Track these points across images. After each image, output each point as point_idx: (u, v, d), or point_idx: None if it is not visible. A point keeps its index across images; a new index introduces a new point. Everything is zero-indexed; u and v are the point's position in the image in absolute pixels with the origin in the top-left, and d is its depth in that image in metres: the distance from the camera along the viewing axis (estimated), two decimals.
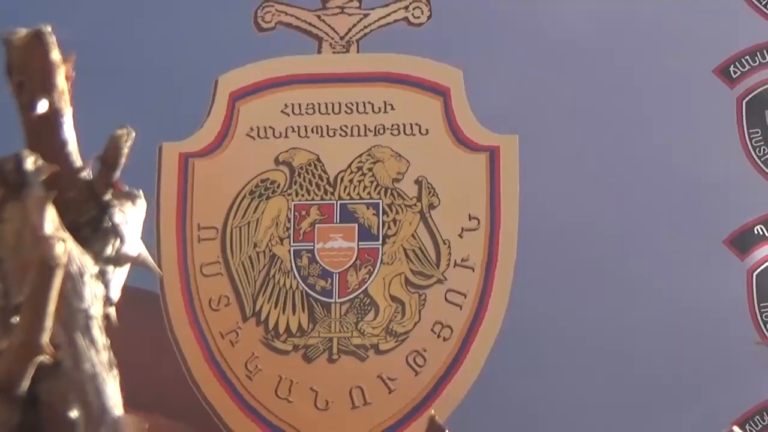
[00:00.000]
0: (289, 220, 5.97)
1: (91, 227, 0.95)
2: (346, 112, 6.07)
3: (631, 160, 5.83)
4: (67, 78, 0.95)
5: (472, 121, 5.99)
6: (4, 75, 0.97)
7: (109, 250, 0.94)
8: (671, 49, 5.96)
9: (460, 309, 5.87)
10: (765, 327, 5.66)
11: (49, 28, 0.93)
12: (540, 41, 5.98)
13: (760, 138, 5.91)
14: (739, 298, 5.62)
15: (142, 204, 0.98)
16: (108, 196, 0.95)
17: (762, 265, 5.72)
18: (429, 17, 6.10)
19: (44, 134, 0.94)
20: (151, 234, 5.97)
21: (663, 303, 5.67)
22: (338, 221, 5.97)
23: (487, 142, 5.99)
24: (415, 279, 5.90)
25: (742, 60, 5.97)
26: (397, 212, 5.96)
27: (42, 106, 0.92)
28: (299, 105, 6.06)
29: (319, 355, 5.85)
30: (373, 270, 5.91)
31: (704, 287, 5.63)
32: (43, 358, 0.85)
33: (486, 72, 5.97)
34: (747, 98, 5.94)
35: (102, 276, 0.93)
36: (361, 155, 5.99)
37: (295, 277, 5.92)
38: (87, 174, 0.96)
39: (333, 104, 6.06)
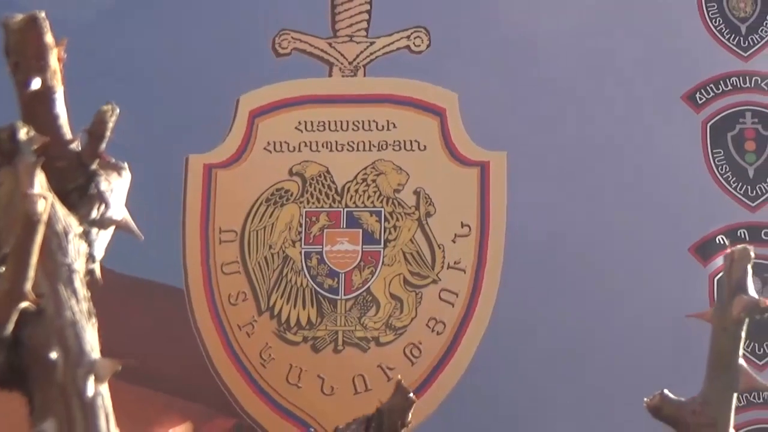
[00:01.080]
0: (301, 225, 5.97)
1: (79, 193, 0.94)
2: (353, 129, 6.07)
3: (607, 175, 5.82)
4: (59, 59, 0.94)
5: (465, 139, 5.99)
6: (2, 56, 0.97)
7: (94, 214, 0.93)
8: (645, 78, 5.95)
9: (453, 306, 5.86)
10: None
11: (43, 14, 0.92)
12: (527, 69, 5.98)
13: (722, 157, 5.90)
14: (703, 300, 5.61)
15: (126, 175, 0.97)
16: (94, 166, 0.95)
17: (722, 271, 5.69)
18: (428, 46, 6.10)
19: (38, 109, 0.93)
20: (177, 236, 5.98)
21: (634, 304, 5.67)
22: (344, 227, 5.96)
23: (478, 158, 5.99)
24: (413, 279, 5.89)
25: (707, 88, 5.96)
26: (397, 219, 5.96)
27: (35, 84, 0.92)
28: (311, 122, 6.06)
29: (325, 346, 5.84)
30: (375, 271, 5.90)
31: (672, 289, 5.63)
32: (27, 305, 0.84)
33: (478, 95, 5.97)
34: (711, 122, 5.93)
35: (86, 236, 0.92)
36: (365, 168, 5.99)
37: (305, 276, 5.91)
38: (76, 146, 0.95)
39: (341, 122, 6.06)
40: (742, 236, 5.73)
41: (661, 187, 5.82)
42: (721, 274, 4.89)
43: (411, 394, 1.37)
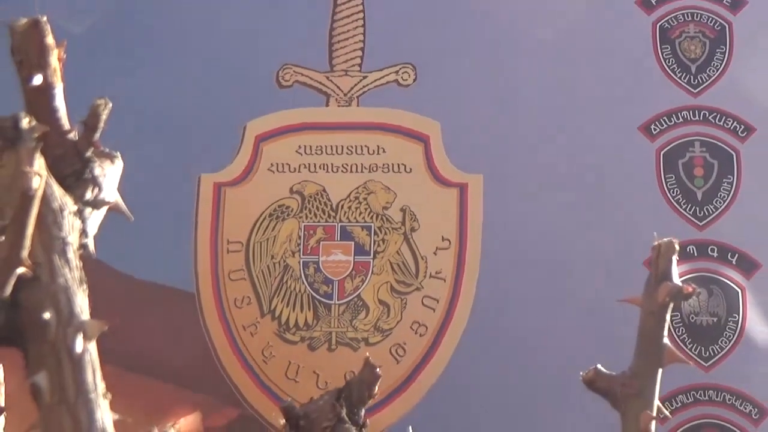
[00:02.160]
0: (300, 238, 5.96)
1: (75, 177, 0.95)
2: (347, 153, 6.06)
3: (571, 196, 5.82)
4: (59, 59, 0.95)
5: (446, 162, 5.99)
6: (9, 55, 0.98)
7: (88, 195, 0.94)
8: (606, 110, 5.95)
9: (434, 311, 5.85)
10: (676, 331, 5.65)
11: (45, 18, 0.93)
12: (501, 102, 5.98)
13: (674, 182, 5.90)
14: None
15: (119, 163, 0.98)
16: (89, 154, 0.95)
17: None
18: (415, 80, 6.10)
19: (39, 102, 0.94)
20: (190, 246, 5.98)
21: (595, 309, 5.67)
22: (338, 239, 5.96)
23: (457, 180, 5.99)
24: (399, 287, 5.88)
25: (661, 120, 5.96)
26: (385, 233, 5.95)
27: (37, 80, 0.92)
28: (310, 147, 6.06)
29: (320, 346, 5.83)
30: (366, 279, 5.89)
31: (630, 306, 5.60)
32: (23, 271, 0.85)
33: (458, 124, 5.97)
34: (664, 150, 5.93)
35: (80, 214, 0.93)
36: (358, 187, 5.99)
37: (303, 283, 5.90)
38: (73, 135, 0.96)
39: (337, 147, 6.06)
40: (691, 252, 5.72)
41: (619, 207, 5.83)
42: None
43: (377, 369, 1.38)
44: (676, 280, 1.18)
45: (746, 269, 5.75)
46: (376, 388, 1.23)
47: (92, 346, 0.90)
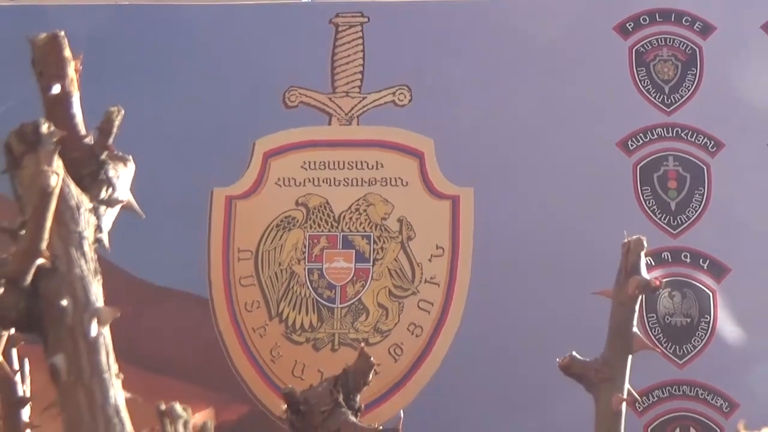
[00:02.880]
0: (305, 247, 5.96)
1: (90, 178, 0.96)
2: (348, 168, 6.07)
3: (555, 207, 5.82)
4: (75, 70, 0.96)
5: (440, 176, 6.00)
6: (30, 66, 0.99)
7: (103, 194, 0.95)
8: (587, 128, 5.95)
9: (429, 314, 5.84)
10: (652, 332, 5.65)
11: (62, 33, 0.94)
12: (490, 120, 5.98)
13: (650, 193, 5.90)
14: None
15: (131, 165, 0.99)
16: (104, 157, 0.96)
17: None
18: (410, 100, 6.10)
19: (58, 110, 0.95)
20: (204, 254, 5.98)
21: (578, 309, 5.66)
22: (341, 248, 5.95)
23: (450, 193, 5.99)
24: (396, 291, 5.88)
25: (637, 136, 5.96)
26: (383, 242, 5.95)
27: (56, 89, 0.93)
28: (314, 162, 6.06)
29: (324, 346, 5.82)
30: (366, 284, 5.89)
31: (608, 307, 5.61)
32: (42, 261, 0.86)
33: (451, 141, 5.97)
34: (640, 164, 5.93)
35: (95, 211, 0.94)
36: (358, 200, 5.99)
37: (308, 288, 5.90)
38: (89, 140, 0.97)
39: (339, 162, 6.07)
40: (666, 258, 5.72)
41: (599, 217, 5.83)
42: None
43: (371, 359, 1.38)
44: (645, 273, 1.19)
45: (717, 274, 5.75)
46: (371, 375, 1.23)
47: (106, 330, 0.91)
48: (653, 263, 5.84)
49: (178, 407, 0.93)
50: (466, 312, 5.79)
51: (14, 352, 1.60)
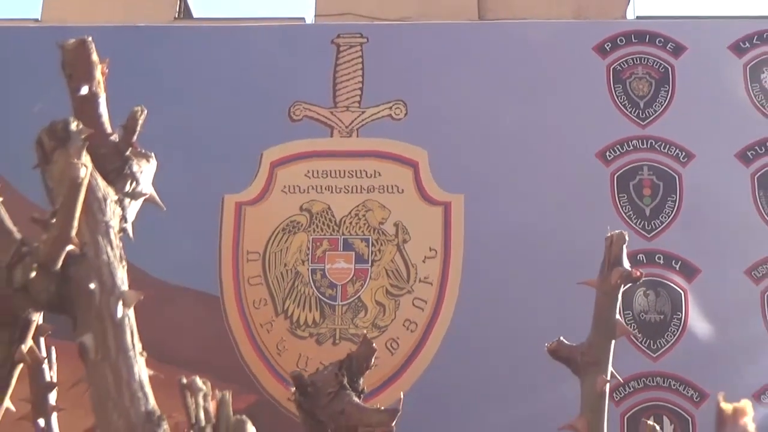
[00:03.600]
0: (308, 249, 5.95)
1: (116, 173, 0.95)
2: (348, 176, 6.07)
3: (538, 211, 5.83)
4: (102, 73, 0.95)
5: (433, 184, 6.00)
6: (60, 69, 0.98)
7: (127, 188, 0.94)
8: (568, 140, 5.96)
9: (423, 311, 5.84)
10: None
11: (90, 38, 0.93)
12: (480, 133, 5.99)
13: (626, 200, 5.91)
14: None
15: (153, 162, 0.98)
16: (128, 153, 0.96)
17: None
18: (406, 114, 6.11)
19: (86, 109, 0.94)
20: (215, 256, 5.98)
21: (558, 307, 5.66)
22: (341, 250, 5.95)
23: (443, 199, 5.99)
24: (393, 290, 5.87)
25: (614, 148, 5.98)
26: (381, 245, 5.95)
27: (84, 90, 0.93)
28: (317, 171, 6.06)
29: (326, 341, 5.81)
30: (364, 283, 5.88)
31: (588, 295, 5.61)
32: (72, 248, 0.85)
33: (443, 152, 5.97)
34: (617, 173, 5.94)
35: (120, 203, 0.93)
36: (358, 206, 5.99)
37: (311, 287, 5.89)
38: (115, 137, 0.96)
39: (340, 171, 6.07)
40: (641, 259, 5.71)
41: (580, 222, 5.82)
42: (628, 286, 4.85)
43: (373, 344, 1.36)
44: (626, 265, 1.18)
45: (688, 274, 5.75)
46: (373, 360, 1.22)
47: (130, 312, 0.90)
48: (630, 265, 5.83)
49: (198, 381, 0.92)
50: (457, 309, 5.79)
51: (42, 340, 1.59)
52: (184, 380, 0.90)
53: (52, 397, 1.75)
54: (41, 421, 1.70)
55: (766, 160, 5.93)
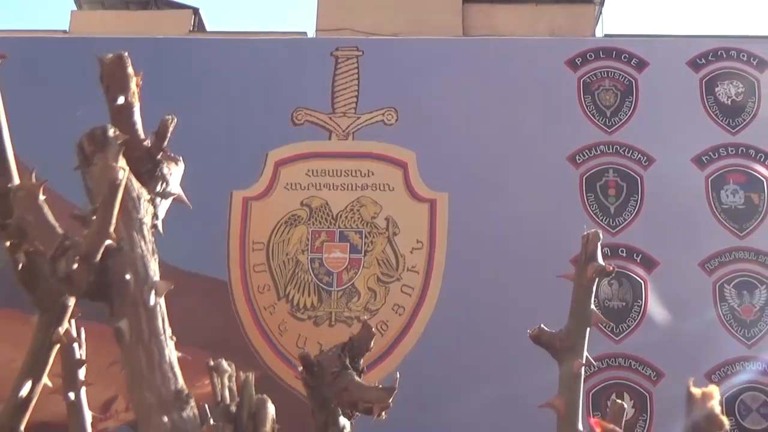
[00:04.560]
0: (308, 240, 5.95)
1: (148, 175, 0.95)
2: (344, 175, 6.06)
3: (514, 208, 5.83)
4: (137, 84, 0.96)
5: (420, 183, 6.00)
6: (99, 81, 0.98)
7: (159, 188, 0.94)
8: (542, 145, 5.95)
9: (410, 296, 5.84)
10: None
11: (126, 53, 0.93)
12: (463, 137, 5.98)
13: (593, 199, 5.92)
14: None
15: (181, 165, 0.99)
16: (159, 157, 0.96)
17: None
18: (396, 120, 6.10)
19: (122, 117, 0.94)
20: (224, 245, 5.97)
21: (536, 292, 5.67)
22: (337, 241, 5.94)
23: (429, 197, 5.99)
24: (383, 278, 5.87)
25: (583, 152, 5.98)
26: (373, 237, 5.94)
27: (120, 100, 0.93)
28: (316, 170, 6.05)
29: (323, 322, 5.81)
30: (358, 271, 5.88)
31: (562, 282, 5.62)
32: (110, 242, 0.85)
33: (430, 154, 5.96)
34: (586, 175, 5.95)
35: (152, 201, 0.93)
36: (353, 201, 5.99)
37: (310, 274, 5.89)
38: (147, 143, 0.97)
39: (337, 170, 6.06)
40: (606, 252, 5.68)
41: (552, 217, 5.83)
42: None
43: (372, 329, 1.37)
44: (600, 260, 1.19)
45: (648, 266, 5.76)
46: (372, 342, 1.23)
47: (161, 300, 0.91)
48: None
49: (224, 363, 0.93)
50: (441, 295, 5.80)
51: (73, 322, 1.59)
52: (212, 362, 0.90)
53: (82, 373, 1.75)
54: (71, 395, 1.70)
55: (719, 164, 5.95)
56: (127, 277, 0.89)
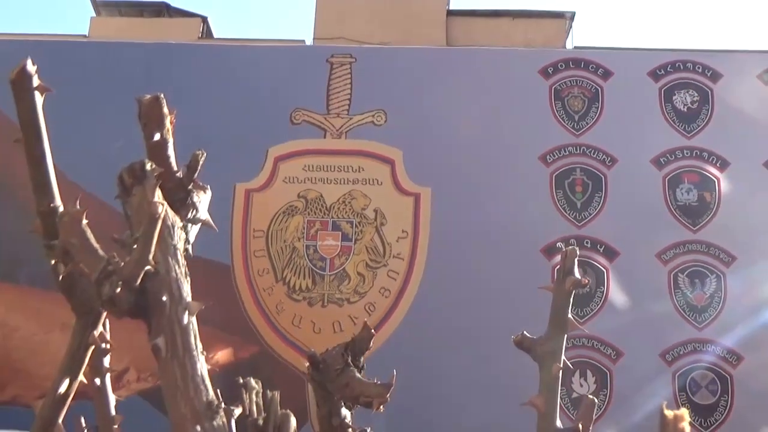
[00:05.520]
0: (304, 228, 5.94)
1: (180, 203, 0.97)
2: (337, 170, 6.06)
3: (491, 201, 5.85)
4: (171, 122, 0.97)
5: (406, 178, 6.00)
6: (137, 120, 0.99)
7: (189, 215, 0.96)
8: (516, 146, 5.98)
9: (395, 281, 5.85)
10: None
11: (162, 95, 0.95)
12: (444, 139, 6.00)
13: (562, 195, 5.93)
14: (546, 279, 5.64)
15: (209, 192, 1.00)
16: (190, 187, 0.97)
17: (560, 263, 5.76)
18: (385, 121, 6.10)
19: (157, 151, 0.95)
20: (228, 233, 5.96)
21: (507, 277, 5.70)
22: (330, 230, 5.94)
23: (413, 191, 6.00)
24: (371, 263, 5.88)
25: (553, 152, 6.00)
26: (362, 227, 5.95)
27: (157, 137, 0.94)
28: (312, 165, 6.05)
29: (317, 303, 5.81)
30: (349, 257, 5.89)
31: (531, 272, 5.67)
32: (149, 267, 0.87)
33: (415, 153, 5.96)
34: (555, 173, 5.96)
35: (184, 228, 0.95)
36: (345, 194, 5.99)
37: (305, 259, 5.89)
38: (179, 174, 0.98)
39: (331, 166, 6.05)
40: (572, 243, 5.75)
41: (525, 211, 5.86)
42: (558, 265, 4.87)
43: (372, 330, 1.39)
44: (577, 274, 1.21)
45: (610, 256, 5.78)
46: (371, 342, 1.25)
47: (194, 319, 0.92)
48: (563, 247, 5.87)
49: (252, 381, 0.95)
50: (423, 280, 5.81)
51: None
52: (241, 380, 0.92)
53: (106, 361, 1.76)
54: (97, 380, 1.71)
55: (675, 165, 5.99)
56: (164, 298, 0.90)
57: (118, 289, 0.87)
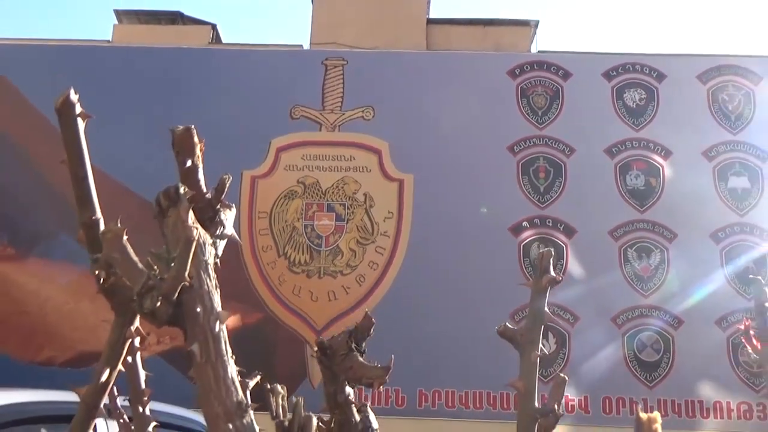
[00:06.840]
0: (302, 210, 5.94)
1: (209, 221, 0.95)
2: (331, 159, 6.04)
3: (464, 185, 5.85)
4: (201, 150, 0.95)
5: (392, 166, 6.00)
6: (171, 149, 0.97)
7: (218, 232, 0.94)
8: (485, 137, 5.98)
9: (382, 255, 5.86)
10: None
11: (193, 126, 0.93)
12: (425, 132, 5.98)
13: (527, 181, 5.94)
14: (513, 258, 5.68)
15: (234, 210, 0.98)
16: (218, 206, 0.96)
17: (525, 240, 5.78)
18: (373, 116, 6.09)
19: (189, 176, 0.94)
20: (235, 214, 5.94)
21: (482, 256, 5.69)
22: (326, 211, 5.94)
23: (398, 177, 5.99)
24: (362, 240, 5.88)
25: (520, 143, 6.00)
26: (354, 208, 5.95)
27: (188, 163, 0.92)
28: (310, 155, 6.03)
29: (314, 275, 5.81)
30: (341, 235, 5.89)
31: (499, 250, 5.68)
32: (185, 282, 0.86)
33: (400, 144, 5.96)
34: (522, 162, 5.97)
35: (214, 244, 0.93)
36: (338, 180, 5.97)
37: (304, 237, 5.88)
38: (208, 195, 0.96)
39: (326, 155, 6.04)
40: (537, 223, 5.76)
41: (495, 194, 5.86)
42: (525, 242, 4.86)
43: (373, 319, 1.37)
44: (553, 273, 1.20)
45: (568, 234, 5.80)
46: (372, 330, 1.24)
47: (224, 327, 0.91)
48: (528, 226, 5.92)
49: (278, 387, 0.94)
50: (407, 255, 5.83)
51: None
52: (269, 385, 0.91)
53: (137, 341, 1.74)
54: (129, 358, 1.70)
55: (625, 154, 6.01)
56: (198, 309, 0.89)
57: (158, 303, 0.86)
